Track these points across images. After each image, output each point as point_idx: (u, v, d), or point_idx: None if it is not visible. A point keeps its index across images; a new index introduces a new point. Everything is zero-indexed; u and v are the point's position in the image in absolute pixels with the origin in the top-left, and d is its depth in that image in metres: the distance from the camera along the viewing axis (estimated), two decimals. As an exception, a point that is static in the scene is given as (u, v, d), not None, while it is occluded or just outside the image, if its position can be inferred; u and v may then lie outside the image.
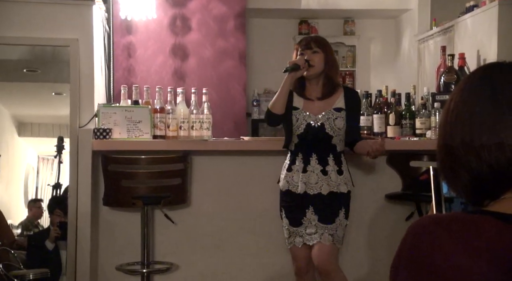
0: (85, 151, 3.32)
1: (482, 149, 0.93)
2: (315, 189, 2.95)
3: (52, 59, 3.93)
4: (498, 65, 1.00)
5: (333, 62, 3.01)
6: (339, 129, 2.96)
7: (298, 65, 2.93)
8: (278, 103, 2.99)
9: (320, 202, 2.95)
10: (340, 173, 2.97)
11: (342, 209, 2.97)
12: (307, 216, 2.96)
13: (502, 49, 4.29)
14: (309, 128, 2.97)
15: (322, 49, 2.98)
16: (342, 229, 2.98)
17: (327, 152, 2.97)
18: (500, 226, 0.90)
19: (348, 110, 2.99)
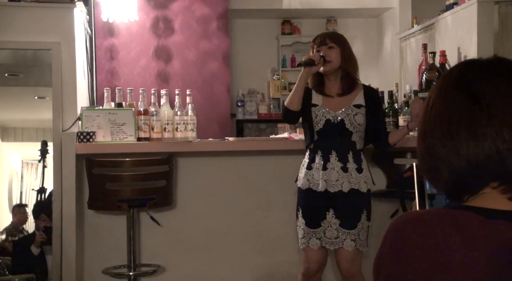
0: (69, 154, 3.30)
1: (461, 145, 0.94)
2: (336, 186, 2.88)
3: (34, 63, 3.90)
4: (475, 62, 1.01)
5: (350, 57, 2.95)
6: (359, 125, 2.91)
7: (313, 60, 2.89)
8: (294, 100, 2.94)
9: (341, 202, 2.88)
10: (359, 171, 2.91)
11: (364, 211, 2.90)
12: (327, 219, 2.89)
13: (482, 45, 4.34)
14: (328, 124, 2.91)
15: (338, 44, 2.93)
16: (365, 231, 2.91)
17: (347, 149, 2.91)
18: (480, 220, 0.91)
19: (370, 107, 2.94)
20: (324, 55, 2.90)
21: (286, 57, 6.95)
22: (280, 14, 6.66)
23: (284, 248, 3.60)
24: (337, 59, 2.92)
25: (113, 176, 3.20)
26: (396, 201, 3.43)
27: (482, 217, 0.92)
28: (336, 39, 2.96)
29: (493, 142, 0.92)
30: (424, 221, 0.94)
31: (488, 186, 0.95)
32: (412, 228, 0.94)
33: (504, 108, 0.93)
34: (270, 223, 3.62)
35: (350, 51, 2.98)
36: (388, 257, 0.95)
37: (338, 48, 2.93)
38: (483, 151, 0.93)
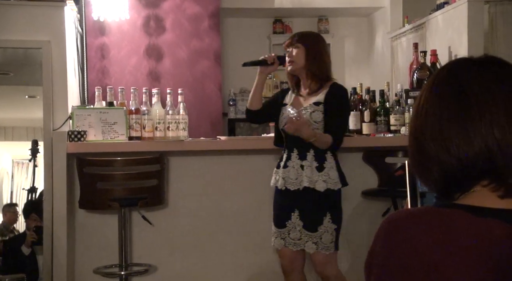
0: (60, 154, 3.28)
1: (451, 143, 0.94)
2: (295, 185, 2.90)
3: (25, 62, 3.87)
4: (465, 61, 1.02)
5: (315, 56, 2.91)
6: (316, 122, 2.87)
7: (264, 60, 2.93)
8: (252, 99, 3.04)
9: (302, 201, 2.88)
10: (319, 170, 2.87)
11: (326, 214, 2.87)
12: (292, 220, 2.91)
13: (472, 45, 4.37)
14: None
15: (303, 44, 2.92)
16: (330, 234, 2.87)
17: (307, 147, 2.88)
18: (471, 218, 0.92)
19: (328, 105, 2.88)
20: (281, 55, 2.94)
21: (278, 56, 6.94)
22: (272, 13, 6.66)
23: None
24: (300, 59, 2.91)
25: (104, 175, 3.19)
26: (388, 199, 3.44)
27: (472, 215, 0.92)
28: (302, 39, 2.95)
29: (483, 140, 0.93)
30: (415, 219, 0.94)
31: (478, 184, 0.96)
32: (403, 226, 0.94)
33: (494, 107, 0.93)
34: (261, 222, 3.62)
35: (318, 51, 2.94)
36: (379, 255, 0.95)
37: (303, 48, 2.92)
38: (473, 149, 0.93)
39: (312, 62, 2.91)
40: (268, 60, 2.97)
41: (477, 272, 0.87)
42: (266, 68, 3.00)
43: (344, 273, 3.62)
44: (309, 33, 3.05)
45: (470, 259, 0.88)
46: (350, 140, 3.57)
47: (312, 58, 2.91)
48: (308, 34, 3.04)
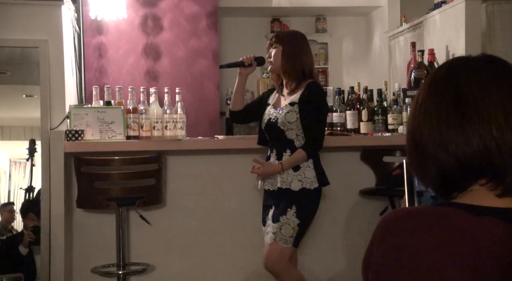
0: (57, 153, 3.28)
1: (449, 142, 0.95)
2: (273, 184, 2.93)
3: (22, 61, 3.87)
4: (463, 60, 1.02)
5: (290, 56, 2.89)
6: (289, 123, 2.86)
7: (241, 62, 2.97)
8: (233, 100, 3.11)
9: (276, 200, 2.92)
10: (295, 169, 2.86)
11: (292, 207, 2.85)
12: (269, 216, 2.96)
13: (470, 44, 4.37)
14: (269, 123, 2.96)
15: (281, 43, 2.93)
16: (291, 228, 2.84)
17: (283, 147, 2.91)
18: (469, 217, 0.92)
19: (302, 105, 2.86)
20: (259, 56, 2.98)
21: (276, 55, 6.94)
22: (270, 12, 6.67)
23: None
24: (278, 58, 2.92)
25: (102, 175, 3.19)
26: (386, 199, 3.45)
27: (470, 214, 0.92)
28: (280, 38, 2.96)
29: (481, 139, 0.93)
30: (413, 218, 0.94)
31: (476, 183, 0.96)
32: (401, 225, 0.94)
33: (492, 105, 0.93)
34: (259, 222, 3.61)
35: (294, 50, 2.91)
36: (377, 253, 0.95)
37: (280, 48, 2.92)
38: (471, 148, 0.93)
39: (287, 61, 2.90)
40: (245, 61, 2.99)
41: (475, 271, 0.88)
42: (245, 70, 3.03)
43: (342, 270, 3.64)
44: (287, 33, 3.08)
45: (468, 258, 0.88)
46: (348, 139, 3.58)
47: (287, 57, 2.90)
48: (286, 34, 3.05)
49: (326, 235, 3.64)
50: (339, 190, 3.62)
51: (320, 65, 6.98)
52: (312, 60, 3.00)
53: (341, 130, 3.70)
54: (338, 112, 3.72)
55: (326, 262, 3.63)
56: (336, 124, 3.71)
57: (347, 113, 3.72)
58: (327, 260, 3.63)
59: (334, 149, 3.60)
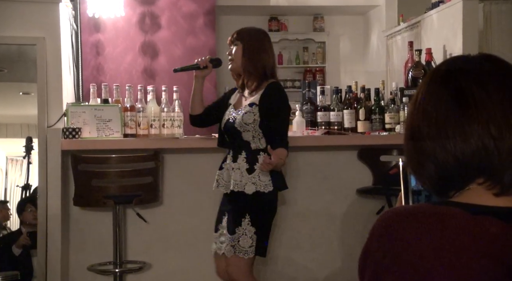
0: (54, 151, 3.27)
1: (448, 141, 0.94)
2: (226, 187, 2.82)
3: (19, 58, 3.86)
4: (462, 59, 1.02)
5: (250, 54, 2.78)
6: (246, 124, 2.74)
7: (197, 65, 2.85)
8: (192, 104, 2.97)
9: (229, 204, 2.81)
10: (250, 172, 2.73)
11: (246, 216, 2.72)
12: (223, 224, 2.83)
13: (467, 43, 4.38)
14: (227, 124, 2.85)
15: (241, 41, 2.82)
16: (249, 238, 2.71)
17: (239, 149, 2.79)
18: (466, 216, 0.92)
19: (262, 106, 2.75)
20: (215, 58, 2.88)
21: (273, 54, 6.94)
22: (267, 11, 6.66)
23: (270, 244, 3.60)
24: (238, 56, 2.81)
25: (99, 173, 3.18)
26: (382, 198, 3.45)
27: (468, 213, 0.92)
28: (240, 36, 2.84)
29: (479, 138, 0.93)
30: (411, 217, 0.94)
31: (474, 182, 0.96)
32: (398, 223, 0.94)
33: (490, 105, 0.94)
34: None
35: (254, 48, 2.80)
36: (374, 253, 0.95)
37: (241, 46, 2.82)
38: (470, 147, 0.93)
39: (248, 60, 2.78)
40: (200, 64, 2.86)
41: (473, 270, 0.88)
42: (201, 72, 2.89)
43: (338, 269, 3.64)
44: (248, 29, 2.88)
45: (466, 256, 0.88)
46: (345, 138, 3.58)
47: (248, 55, 2.78)
48: (247, 30, 2.87)
49: (322, 234, 3.64)
50: (336, 189, 3.62)
51: (318, 64, 6.99)
52: (274, 59, 2.87)
53: (338, 129, 3.70)
54: (335, 111, 3.72)
55: (323, 261, 3.64)
56: (334, 123, 3.71)
57: (345, 112, 3.72)
58: (323, 258, 3.64)
59: (331, 148, 3.61)
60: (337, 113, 3.72)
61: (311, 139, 3.51)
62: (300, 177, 3.60)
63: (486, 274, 0.87)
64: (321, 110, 3.74)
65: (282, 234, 3.61)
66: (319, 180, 3.64)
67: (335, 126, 3.71)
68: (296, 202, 3.60)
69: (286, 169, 3.61)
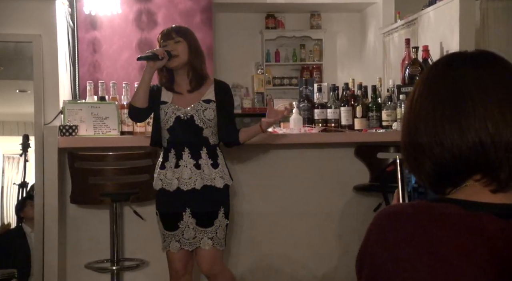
0: (51, 148, 3.27)
1: (444, 137, 0.94)
2: (189, 184, 2.81)
3: (15, 56, 3.85)
4: (459, 55, 1.02)
5: (197, 51, 2.87)
6: (209, 120, 2.83)
7: (156, 54, 2.79)
8: (139, 96, 2.85)
9: (196, 200, 2.81)
10: (215, 166, 2.84)
11: (221, 209, 2.83)
12: (184, 220, 2.82)
13: (464, 40, 4.38)
14: (178, 121, 2.83)
15: (184, 38, 2.85)
16: (223, 229, 2.84)
17: (199, 145, 2.84)
18: (463, 213, 0.92)
19: (220, 102, 2.86)
20: (170, 50, 2.81)
21: (270, 51, 6.95)
22: (264, 8, 6.66)
23: (267, 242, 3.60)
24: (184, 53, 2.83)
25: (96, 170, 3.18)
26: (379, 195, 3.45)
27: (465, 209, 0.92)
28: (182, 33, 2.88)
29: (476, 134, 0.93)
30: (408, 214, 0.94)
31: (471, 178, 0.96)
32: (396, 221, 0.94)
33: (488, 101, 0.94)
34: (254, 217, 3.63)
35: (198, 45, 2.90)
36: (371, 250, 0.95)
37: (185, 42, 2.85)
38: (466, 144, 0.93)
39: (195, 57, 2.85)
40: (159, 54, 2.80)
41: (470, 267, 0.88)
42: (155, 63, 2.83)
43: (335, 266, 3.65)
44: (186, 28, 2.96)
45: (462, 253, 0.88)
46: (342, 136, 3.58)
47: (194, 52, 2.85)
48: (186, 29, 2.94)
49: (320, 231, 3.65)
50: (333, 186, 3.63)
51: (315, 61, 6.99)
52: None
53: (335, 126, 3.70)
54: (332, 108, 3.72)
55: (320, 258, 3.64)
56: (331, 120, 3.71)
57: (342, 109, 3.72)
58: (321, 256, 3.64)
59: (328, 145, 3.61)
60: (334, 111, 3.72)
61: (308, 137, 3.51)
62: (297, 175, 3.60)
63: (483, 271, 0.87)
64: (318, 107, 3.74)
65: (279, 232, 3.61)
66: (316, 177, 3.64)
67: (332, 124, 3.71)
68: (293, 199, 3.60)
69: (283, 166, 3.62)
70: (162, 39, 2.87)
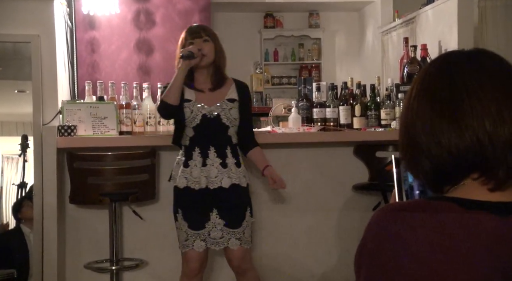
0: (50, 148, 3.26)
1: (442, 136, 0.95)
2: (216, 183, 2.83)
3: (14, 56, 3.85)
4: (457, 53, 1.02)
5: (222, 52, 2.94)
6: (235, 119, 2.88)
7: (193, 52, 2.81)
8: (173, 93, 2.82)
9: (223, 200, 2.84)
10: (238, 166, 2.89)
11: (247, 209, 2.89)
12: (211, 220, 2.84)
13: (462, 39, 4.39)
14: (205, 119, 2.85)
15: (212, 38, 2.90)
16: (249, 228, 2.91)
17: (224, 144, 2.87)
18: (461, 211, 0.92)
19: (242, 102, 2.91)
20: (199, 48, 2.83)
21: (269, 51, 6.95)
22: (263, 7, 6.66)
23: (267, 241, 3.60)
24: (212, 53, 2.87)
25: (95, 170, 3.18)
26: (378, 194, 3.46)
27: (463, 208, 0.92)
28: (210, 32, 2.93)
29: (474, 133, 0.93)
30: (405, 213, 0.94)
31: (468, 177, 0.96)
32: (394, 219, 0.94)
33: (485, 99, 0.94)
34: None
35: (221, 46, 2.96)
36: (369, 248, 0.95)
37: (212, 43, 2.89)
38: (464, 142, 0.93)
39: (220, 57, 2.92)
40: (195, 53, 2.82)
41: (468, 265, 0.88)
42: (190, 62, 2.84)
43: (334, 265, 3.65)
44: (210, 29, 3.02)
45: (461, 251, 0.89)
46: (341, 134, 3.58)
47: (220, 53, 2.92)
48: (210, 29, 3.01)
49: (319, 230, 3.65)
50: (332, 185, 3.63)
51: (313, 60, 6.99)
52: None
53: (334, 125, 3.70)
54: (331, 107, 3.72)
55: (319, 257, 3.65)
56: (329, 119, 3.71)
57: (340, 108, 3.72)
58: (320, 255, 3.64)
59: (327, 144, 3.61)
60: (333, 110, 3.72)
61: (307, 136, 3.51)
62: (296, 174, 3.60)
63: (481, 269, 0.88)
64: (316, 106, 3.74)
65: (278, 231, 3.61)
66: (315, 176, 3.65)
67: (331, 123, 3.71)
68: (292, 198, 3.61)
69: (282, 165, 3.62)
70: (190, 37, 2.89)
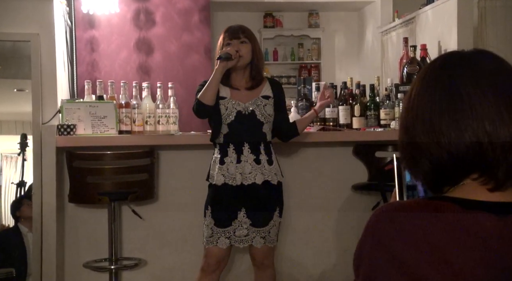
0: (49, 147, 3.26)
1: (442, 136, 0.95)
2: (250, 179, 2.85)
3: (13, 55, 3.84)
4: (457, 54, 1.02)
5: (260, 53, 2.97)
6: (270, 115, 2.91)
7: (231, 54, 2.83)
8: (209, 94, 2.84)
9: (253, 198, 2.85)
10: (270, 163, 2.90)
11: (277, 209, 2.90)
12: (238, 219, 2.85)
13: (462, 39, 4.39)
14: (239, 116, 2.87)
15: (249, 39, 2.92)
16: (276, 228, 2.92)
17: (258, 141, 2.89)
18: (461, 211, 0.92)
19: (277, 99, 2.95)
20: (236, 50, 2.84)
21: (269, 50, 6.95)
22: (262, 7, 6.66)
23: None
24: (249, 54, 2.89)
25: (94, 169, 3.17)
26: (378, 193, 3.46)
27: (462, 208, 0.93)
28: (248, 34, 2.94)
29: (474, 134, 0.93)
30: (404, 212, 0.94)
31: (468, 177, 0.96)
32: (393, 219, 0.94)
33: (485, 100, 0.94)
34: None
35: (260, 47, 3.00)
36: (368, 248, 0.95)
37: (250, 44, 2.91)
38: (464, 143, 0.93)
39: (258, 59, 2.95)
40: (234, 56, 2.85)
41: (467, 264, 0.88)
42: (227, 63, 2.85)
43: (333, 265, 3.65)
44: (249, 30, 3.02)
45: (460, 251, 0.89)
46: (340, 134, 3.58)
47: (258, 55, 2.94)
48: (250, 30, 3.02)
49: (318, 230, 3.65)
50: (331, 185, 3.63)
51: (313, 60, 6.99)
52: None
53: (333, 125, 3.70)
54: (330, 107, 3.72)
55: (318, 257, 3.65)
56: (329, 119, 3.71)
57: (340, 108, 3.72)
58: (318, 254, 3.64)
59: (326, 144, 3.61)
60: (332, 109, 3.72)
61: (307, 136, 3.51)
62: (296, 173, 3.60)
63: (480, 269, 0.88)
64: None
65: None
66: (314, 176, 3.65)
67: (330, 123, 3.71)
68: (291, 198, 3.60)
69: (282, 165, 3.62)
70: (228, 38, 2.91)
